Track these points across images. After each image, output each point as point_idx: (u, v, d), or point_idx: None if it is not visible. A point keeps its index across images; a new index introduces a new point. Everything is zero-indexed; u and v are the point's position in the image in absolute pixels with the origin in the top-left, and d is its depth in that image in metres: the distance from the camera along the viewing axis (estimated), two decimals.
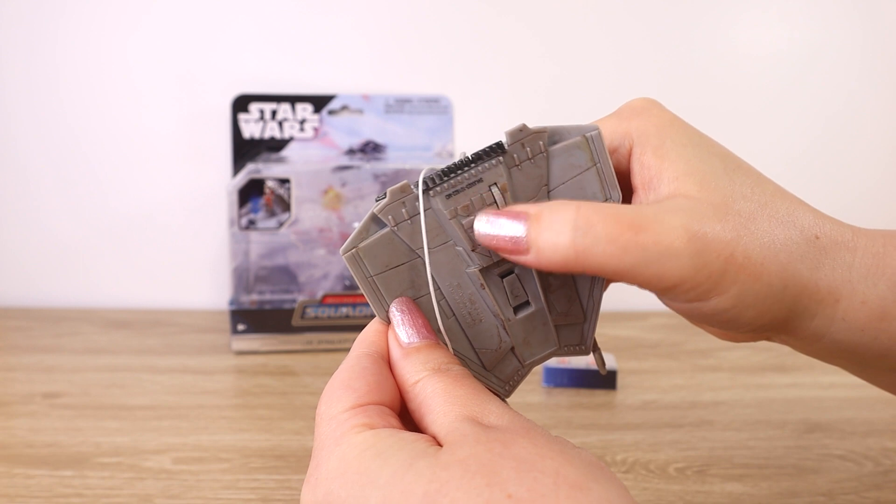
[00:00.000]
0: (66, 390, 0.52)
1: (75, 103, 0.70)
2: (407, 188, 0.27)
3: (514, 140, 0.27)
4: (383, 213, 0.27)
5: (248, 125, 0.63)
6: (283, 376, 0.55)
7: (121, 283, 0.73)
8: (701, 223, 0.25)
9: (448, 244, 0.28)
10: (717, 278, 0.25)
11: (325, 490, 0.23)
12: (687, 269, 0.24)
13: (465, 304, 0.28)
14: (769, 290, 0.25)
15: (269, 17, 0.70)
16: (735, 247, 0.25)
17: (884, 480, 0.41)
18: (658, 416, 0.49)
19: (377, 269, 0.27)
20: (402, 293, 0.28)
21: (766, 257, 0.25)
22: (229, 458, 0.43)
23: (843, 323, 0.27)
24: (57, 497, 0.38)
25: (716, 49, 0.73)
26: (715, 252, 0.25)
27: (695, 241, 0.24)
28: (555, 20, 0.71)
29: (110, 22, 0.69)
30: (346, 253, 0.27)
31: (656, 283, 0.25)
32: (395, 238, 0.27)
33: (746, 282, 0.25)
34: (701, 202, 0.26)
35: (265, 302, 0.62)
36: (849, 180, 0.76)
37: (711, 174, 0.27)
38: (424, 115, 0.66)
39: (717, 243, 0.25)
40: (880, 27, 0.74)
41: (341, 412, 0.25)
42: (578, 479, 0.21)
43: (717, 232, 0.25)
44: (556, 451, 0.22)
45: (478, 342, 0.29)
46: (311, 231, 0.62)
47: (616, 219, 0.24)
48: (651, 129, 0.28)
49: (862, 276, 0.27)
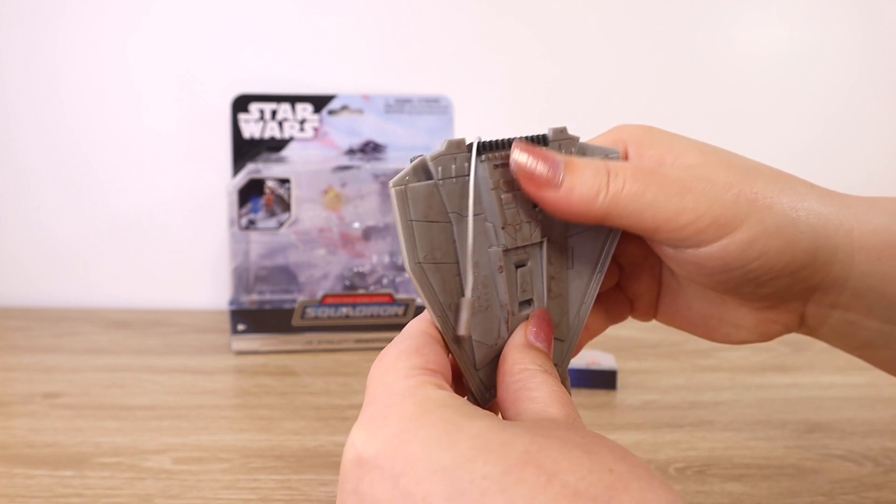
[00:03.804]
0: (66, 390, 0.52)
1: (75, 103, 0.70)
2: (462, 144, 0.27)
3: (556, 137, 0.28)
4: (435, 163, 0.26)
5: (248, 125, 0.63)
6: (283, 376, 0.55)
7: (121, 283, 0.73)
8: (707, 172, 0.28)
9: (479, 217, 0.27)
10: (731, 211, 0.27)
11: (397, 429, 0.22)
12: (702, 202, 0.26)
13: (479, 286, 0.28)
14: (785, 218, 0.27)
15: (269, 17, 0.70)
16: (742, 186, 0.27)
17: (884, 480, 0.41)
18: (658, 416, 0.49)
19: (417, 216, 0.26)
20: (433, 251, 0.27)
21: (774, 194, 0.28)
22: (229, 458, 0.43)
23: (862, 252, 0.28)
24: (57, 497, 0.38)
25: (716, 49, 0.73)
26: (724, 188, 0.27)
27: (705, 181, 0.27)
28: (555, 20, 0.71)
29: (110, 22, 0.69)
30: (396, 187, 0.26)
31: (675, 219, 0.26)
32: (437, 193, 0.26)
33: (761, 212, 0.27)
34: (706, 163, 0.28)
35: (265, 302, 0.62)
36: (848, 180, 0.76)
37: (708, 147, 0.30)
38: (424, 115, 0.66)
39: (725, 184, 0.27)
40: (880, 27, 0.74)
41: (412, 368, 0.25)
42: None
43: (724, 177, 0.27)
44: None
45: (478, 332, 0.28)
46: (311, 231, 0.62)
47: (637, 167, 0.27)
48: (640, 132, 0.31)
49: (864, 211, 0.29)
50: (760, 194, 0.27)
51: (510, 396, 0.26)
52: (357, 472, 0.22)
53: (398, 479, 0.21)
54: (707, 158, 0.29)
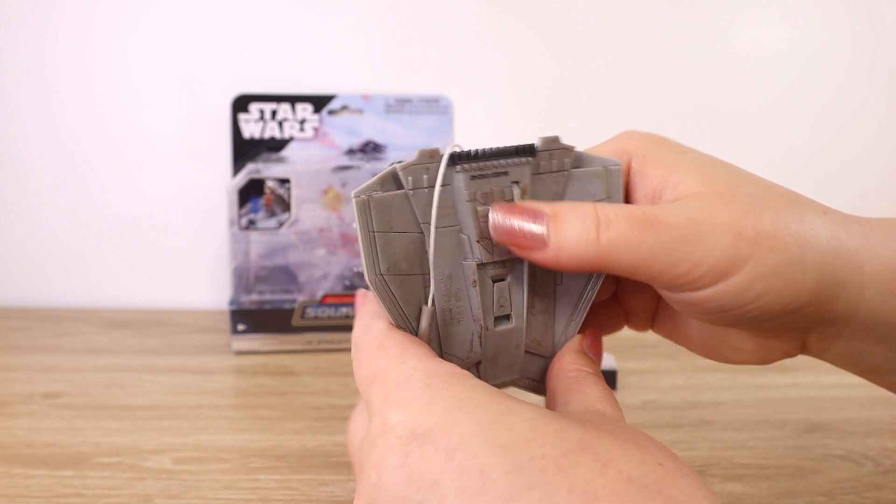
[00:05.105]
0: (66, 390, 0.52)
1: (75, 103, 0.70)
2: (436, 154, 0.26)
3: (546, 148, 0.27)
4: (405, 173, 0.25)
5: (248, 125, 0.63)
6: (283, 376, 0.55)
7: (121, 283, 0.73)
8: (706, 212, 0.26)
9: (454, 228, 0.26)
10: (730, 256, 0.25)
11: (452, 405, 0.22)
12: (698, 252, 0.25)
13: (451, 298, 0.27)
14: (788, 258, 0.26)
15: (269, 17, 0.70)
16: (744, 224, 0.25)
17: (884, 480, 0.41)
18: (658, 416, 0.49)
19: (381, 227, 0.26)
20: (397, 262, 0.26)
21: (778, 229, 0.26)
22: (229, 458, 0.43)
23: (872, 287, 0.27)
24: (57, 497, 0.38)
25: (716, 49, 0.73)
26: (722, 232, 0.25)
27: (700, 225, 0.25)
28: (555, 20, 0.71)
29: (110, 22, 0.69)
30: (357, 197, 0.25)
31: (672, 270, 0.25)
32: (406, 203, 0.26)
33: (761, 254, 0.25)
34: (706, 196, 0.26)
35: (265, 302, 0.62)
36: (848, 180, 0.76)
37: (713, 171, 0.27)
38: (424, 115, 0.66)
39: (724, 225, 0.25)
40: (880, 27, 0.74)
41: (428, 354, 0.25)
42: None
43: (723, 216, 0.26)
44: None
45: (448, 345, 0.27)
46: (311, 231, 0.62)
47: (632, 214, 0.25)
48: (646, 145, 0.29)
49: (879, 241, 0.27)
50: (764, 232, 0.26)
51: (563, 388, 0.27)
52: (405, 448, 0.22)
53: (454, 451, 0.21)
54: (709, 189, 0.27)
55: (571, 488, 0.20)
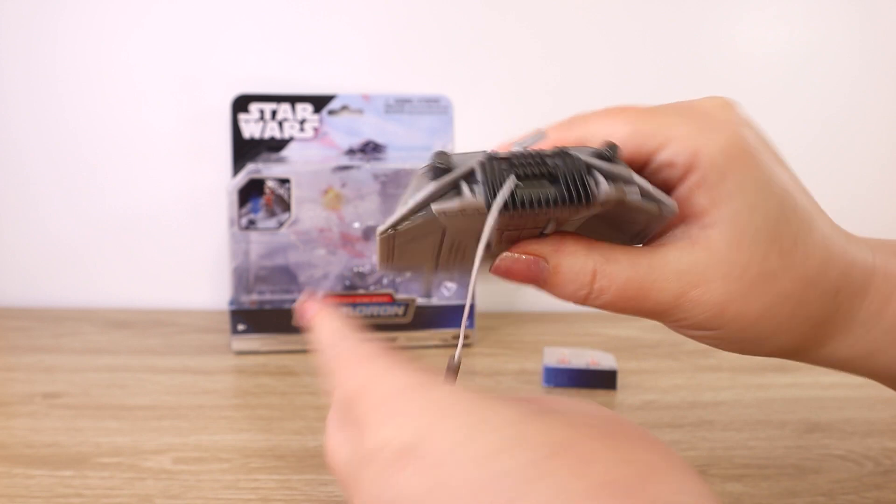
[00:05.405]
0: (66, 390, 0.52)
1: (75, 103, 0.70)
2: (482, 208, 0.24)
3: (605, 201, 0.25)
4: (440, 213, 0.25)
5: (248, 125, 0.63)
6: (283, 376, 0.55)
7: (121, 283, 0.73)
8: (698, 287, 0.27)
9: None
10: (700, 324, 0.27)
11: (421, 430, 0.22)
12: (683, 321, 0.27)
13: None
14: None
15: (269, 18, 0.70)
16: (727, 306, 0.27)
17: (884, 480, 0.41)
18: (658, 416, 0.49)
19: (402, 241, 0.27)
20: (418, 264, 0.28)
21: (762, 316, 0.27)
22: (229, 458, 0.43)
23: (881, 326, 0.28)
24: (57, 497, 0.38)
25: (716, 49, 0.73)
26: (701, 309, 0.27)
27: (684, 300, 0.27)
28: (555, 20, 0.71)
29: (110, 22, 0.69)
30: (382, 234, 0.26)
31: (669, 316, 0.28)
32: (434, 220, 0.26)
33: (733, 330, 0.27)
34: (718, 263, 0.27)
35: (265, 302, 0.62)
36: (848, 180, 0.76)
37: (753, 230, 0.27)
38: (424, 115, 0.66)
39: (706, 304, 0.27)
40: (880, 27, 0.74)
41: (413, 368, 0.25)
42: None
43: (711, 294, 0.27)
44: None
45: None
46: (311, 231, 0.62)
47: (626, 284, 0.27)
48: (718, 159, 0.27)
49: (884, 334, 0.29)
50: (745, 315, 0.27)
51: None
52: (399, 463, 0.22)
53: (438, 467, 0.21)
54: (739, 253, 0.27)
55: (549, 499, 0.20)
